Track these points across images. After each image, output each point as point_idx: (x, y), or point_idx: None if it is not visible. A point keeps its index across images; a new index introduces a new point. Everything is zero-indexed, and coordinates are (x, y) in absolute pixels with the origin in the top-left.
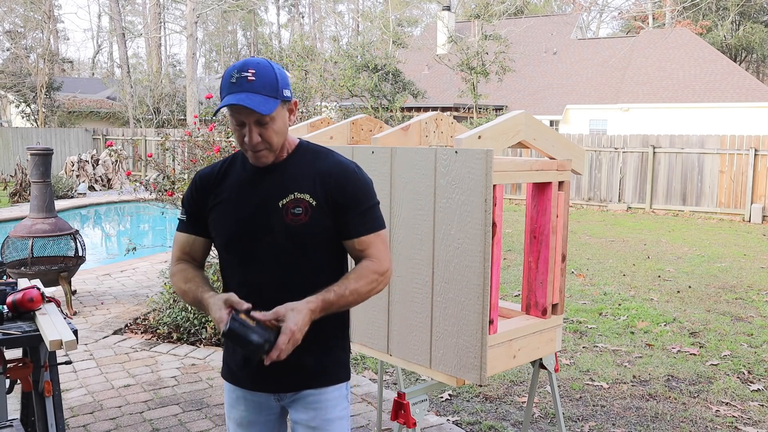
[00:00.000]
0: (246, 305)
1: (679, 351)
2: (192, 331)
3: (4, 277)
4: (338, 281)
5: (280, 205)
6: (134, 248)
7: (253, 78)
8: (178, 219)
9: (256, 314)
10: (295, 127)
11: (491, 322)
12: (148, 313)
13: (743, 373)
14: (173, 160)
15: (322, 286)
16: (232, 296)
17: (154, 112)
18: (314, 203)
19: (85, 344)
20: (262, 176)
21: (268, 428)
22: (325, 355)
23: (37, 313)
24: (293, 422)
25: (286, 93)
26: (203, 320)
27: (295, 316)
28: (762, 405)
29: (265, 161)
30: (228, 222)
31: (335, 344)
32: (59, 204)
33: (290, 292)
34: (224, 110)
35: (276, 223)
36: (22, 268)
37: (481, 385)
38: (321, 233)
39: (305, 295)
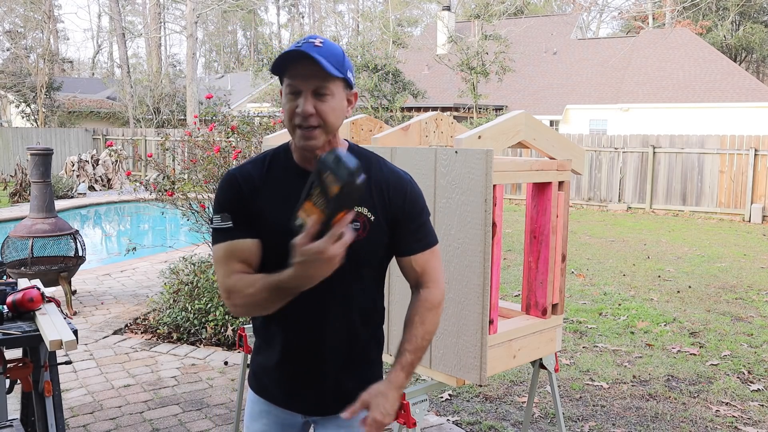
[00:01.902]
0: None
1: (679, 351)
2: (192, 331)
3: (4, 277)
4: (405, 334)
5: None
6: (134, 248)
7: (321, 45)
8: (219, 228)
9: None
10: None
11: (491, 322)
12: (148, 313)
13: (743, 373)
14: (173, 160)
15: (367, 307)
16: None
17: (154, 112)
18: (372, 218)
19: (85, 344)
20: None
21: None
22: (366, 374)
23: (37, 313)
24: None
25: (350, 76)
26: (203, 320)
27: (383, 403)
28: (762, 405)
29: (315, 143)
30: (275, 233)
31: (375, 360)
32: (59, 204)
33: (333, 312)
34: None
35: None
36: (22, 268)
37: (481, 385)
38: (377, 250)
39: (349, 317)
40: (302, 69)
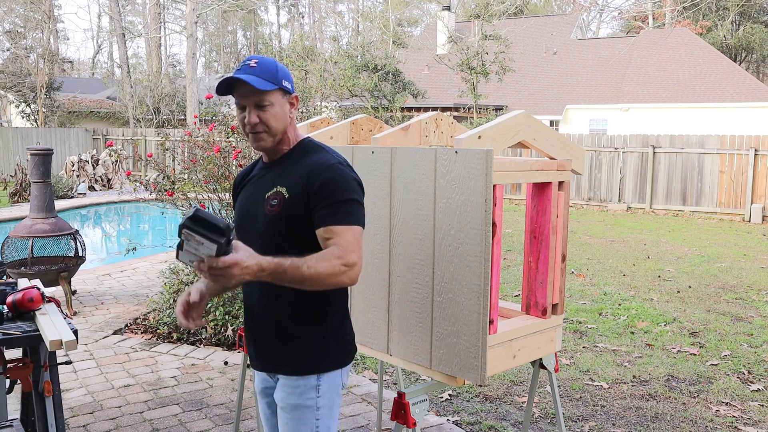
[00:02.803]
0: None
1: (679, 351)
2: (192, 331)
3: (4, 277)
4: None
5: (265, 197)
6: (134, 248)
7: (255, 65)
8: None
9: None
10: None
11: (491, 322)
12: (148, 313)
13: (743, 373)
14: (173, 160)
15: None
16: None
17: (154, 112)
18: (287, 195)
19: (85, 344)
20: (266, 171)
21: (275, 400)
22: (292, 346)
23: (37, 313)
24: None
25: (286, 84)
26: (203, 320)
27: (247, 257)
28: (762, 405)
29: (264, 145)
30: (236, 212)
31: (306, 335)
32: (59, 204)
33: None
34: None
35: (260, 213)
36: (22, 268)
37: (481, 385)
38: (293, 223)
39: (286, 286)
40: (242, 89)
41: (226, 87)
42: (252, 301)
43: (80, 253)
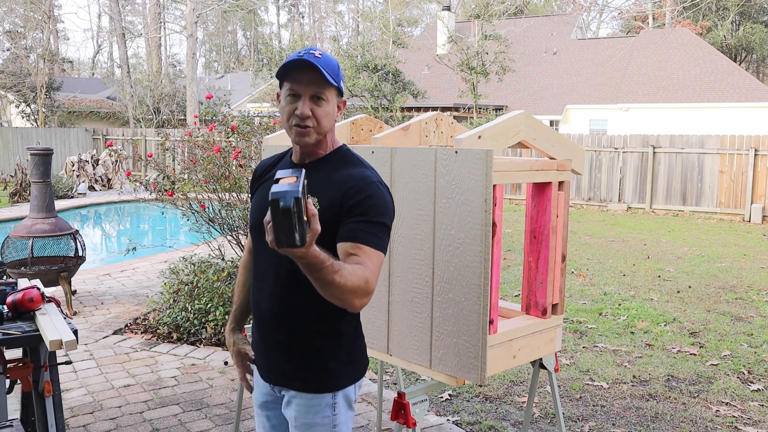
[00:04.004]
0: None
1: (679, 351)
2: (192, 331)
3: (4, 277)
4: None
5: None
6: (134, 248)
7: (320, 56)
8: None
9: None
10: None
11: (491, 322)
12: (148, 313)
13: (743, 373)
14: (173, 160)
15: (313, 288)
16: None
17: (154, 112)
18: (318, 207)
19: (85, 344)
20: None
21: (276, 414)
22: (307, 361)
23: (37, 313)
24: (286, 416)
25: (342, 85)
26: (203, 320)
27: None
28: (762, 405)
29: (308, 140)
30: (254, 210)
31: (322, 351)
32: (59, 204)
33: (290, 293)
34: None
35: None
36: (22, 268)
37: (481, 385)
38: (319, 237)
39: (304, 298)
40: (303, 76)
41: (288, 68)
42: (262, 308)
43: (80, 253)
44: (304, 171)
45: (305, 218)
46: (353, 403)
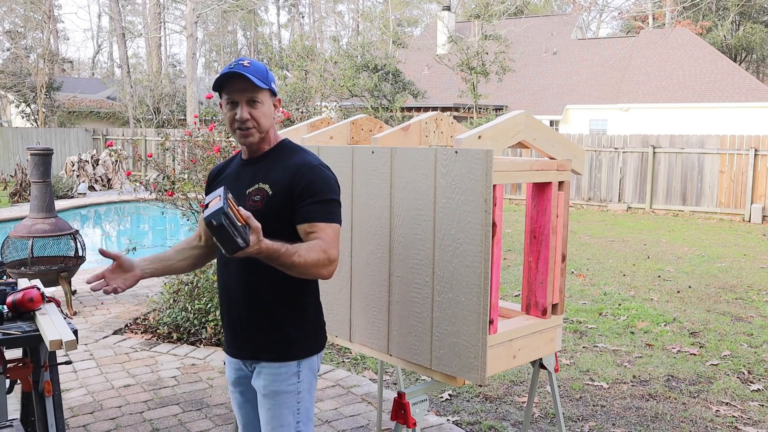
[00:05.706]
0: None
1: (679, 351)
2: (192, 331)
3: (4, 277)
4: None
5: (246, 192)
6: (134, 248)
7: (249, 65)
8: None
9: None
10: (296, 127)
11: (491, 322)
12: (148, 313)
13: (743, 373)
14: (173, 160)
15: (279, 271)
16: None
17: (154, 112)
18: (271, 192)
19: (85, 344)
20: (244, 168)
21: (249, 389)
22: (273, 334)
23: (37, 313)
24: (255, 387)
25: (273, 86)
26: (203, 320)
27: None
28: (762, 405)
29: (252, 140)
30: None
31: (286, 323)
32: (59, 204)
33: (253, 273)
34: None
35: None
36: (22, 268)
37: (481, 385)
38: (274, 218)
39: (266, 277)
40: (237, 85)
41: (222, 81)
42: (230, 290)
43: (80, 253)
44: (224, 187)
45: (240, 223)
46: (317, 373)
